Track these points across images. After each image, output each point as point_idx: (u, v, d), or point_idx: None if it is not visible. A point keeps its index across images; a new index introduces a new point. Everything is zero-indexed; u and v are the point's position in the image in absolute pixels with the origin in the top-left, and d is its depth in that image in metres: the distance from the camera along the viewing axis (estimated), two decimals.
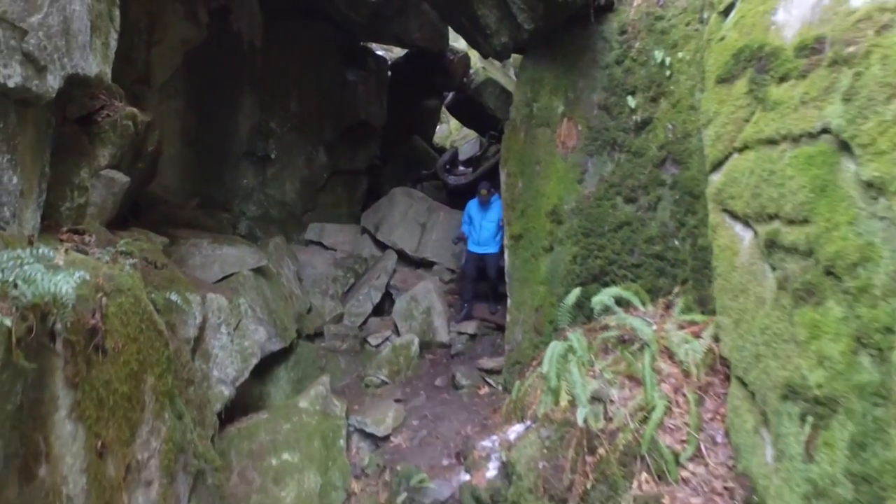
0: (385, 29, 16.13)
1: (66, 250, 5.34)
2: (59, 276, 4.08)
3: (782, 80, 6.35)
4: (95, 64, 6.49)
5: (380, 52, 18.53)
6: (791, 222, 5.80)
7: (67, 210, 6.66)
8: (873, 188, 4.95)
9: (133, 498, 5.58)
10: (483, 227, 10.65)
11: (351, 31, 15.43)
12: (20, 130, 5.44)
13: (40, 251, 4.27)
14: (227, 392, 8.17)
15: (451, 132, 25.01)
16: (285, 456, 8.18)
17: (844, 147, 5.33)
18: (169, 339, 6.43)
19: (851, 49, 5.50)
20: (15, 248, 4.52)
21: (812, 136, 5.73)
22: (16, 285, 3.97)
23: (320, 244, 13.32)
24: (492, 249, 10.73)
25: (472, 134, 21.87)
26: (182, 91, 12.36)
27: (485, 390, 9.55)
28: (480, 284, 11.52)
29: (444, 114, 23.70)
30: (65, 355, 4.96)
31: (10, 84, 4.87)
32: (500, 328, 10.54)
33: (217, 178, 12.98)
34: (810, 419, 5.21)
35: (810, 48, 6.00)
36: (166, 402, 5.86)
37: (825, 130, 5.57)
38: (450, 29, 16.44)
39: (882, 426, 4.54)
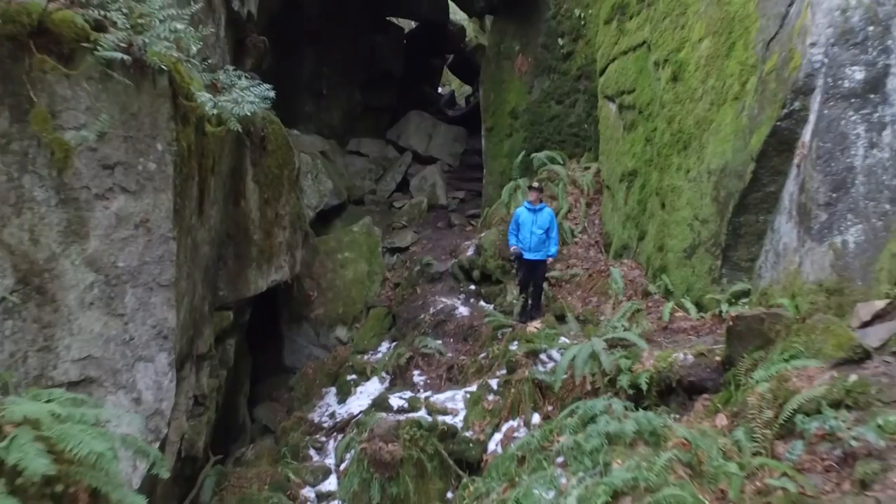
0: (402, 4, 20.13)
1: None
2: (262, 86, 8.11)
3: (631, 17, 10.35)
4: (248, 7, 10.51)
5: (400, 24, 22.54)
6: (629, 92, 9.80)
7: None
8: (657, 65, 8.96)
9: (278, 233, 9.65)
10: (533, 233, 8.88)
11: (376, 6, 19.34)
12: (225, 34, 9.50)
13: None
14: (311, 214, 12.22)
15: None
16: (346, 254, 12.23)
17: (650, 48, 9.35)
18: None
19: None
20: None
21: (640, 45, 9.71)
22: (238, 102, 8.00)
23: (358, 153, 17.29)
24: (541, 256, 8.99)
25: (468, 91, 26.11)
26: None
27: (469, 228, 13.59)
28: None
29: (451, 78, 27.72)
30: (250, 147, 9.00)
31: (234, 7, 8.96)
32: (480, 194, 14.51)
33: (287, 104, 16.74)
34: (626, 184, 9.29)
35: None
36: (293, 187, 9.90)
37: (644, 42, 9.59)
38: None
39: (650, 173, 8.63)
